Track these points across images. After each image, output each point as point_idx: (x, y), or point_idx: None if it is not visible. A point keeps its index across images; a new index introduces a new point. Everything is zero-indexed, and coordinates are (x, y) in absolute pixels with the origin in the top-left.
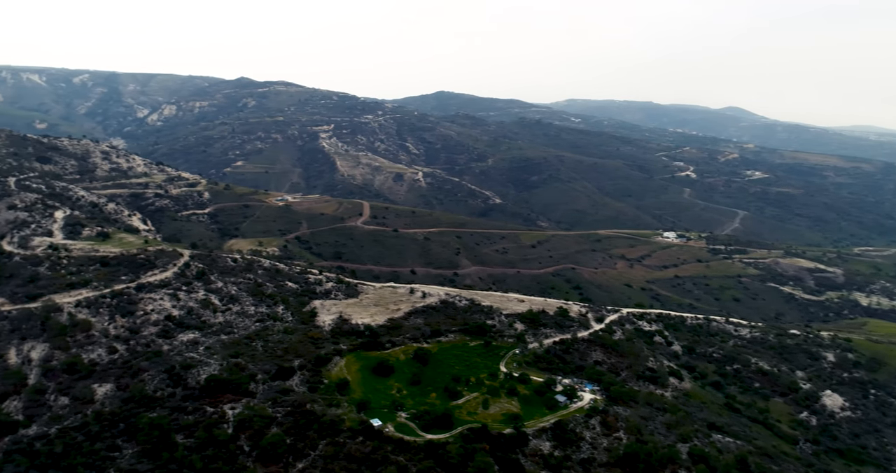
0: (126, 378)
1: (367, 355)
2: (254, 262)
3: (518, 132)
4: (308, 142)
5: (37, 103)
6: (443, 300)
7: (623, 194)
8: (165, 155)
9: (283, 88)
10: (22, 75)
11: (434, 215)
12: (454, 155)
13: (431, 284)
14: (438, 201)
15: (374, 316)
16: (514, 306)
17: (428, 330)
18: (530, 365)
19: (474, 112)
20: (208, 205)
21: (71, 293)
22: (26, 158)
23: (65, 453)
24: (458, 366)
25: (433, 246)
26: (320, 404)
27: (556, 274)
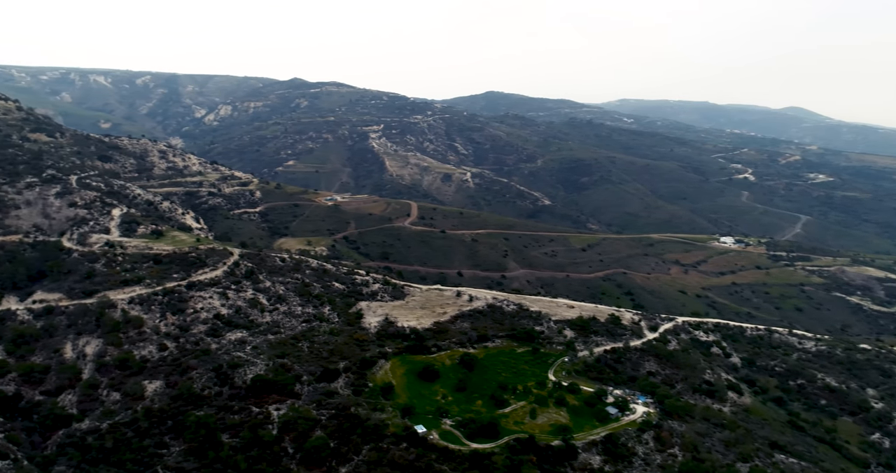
0: (175, 375)
1: (413, 359)
2: (301, 262)
3: (568, 132)
4: (358, 141)
5: (102, 104)
6: (490, 304)
7: (677, 197)
8: (221, 154)
9: (334, 89)
10: (89, 77)
11: (482, 216)
12: (503, 155)
13: (478, 287)
14: (486, 202)
15: (421, 319)
16: (563, 312)
17: (474, 334)
18: (580, 374)
19: (524, 112)
20: (259, 203)
21: (125, 290)
22: (88, 157)
23: (115, 448)
24: (505, 373)
25: (481, 247)
26: (364, 408)
27: (607, 279)
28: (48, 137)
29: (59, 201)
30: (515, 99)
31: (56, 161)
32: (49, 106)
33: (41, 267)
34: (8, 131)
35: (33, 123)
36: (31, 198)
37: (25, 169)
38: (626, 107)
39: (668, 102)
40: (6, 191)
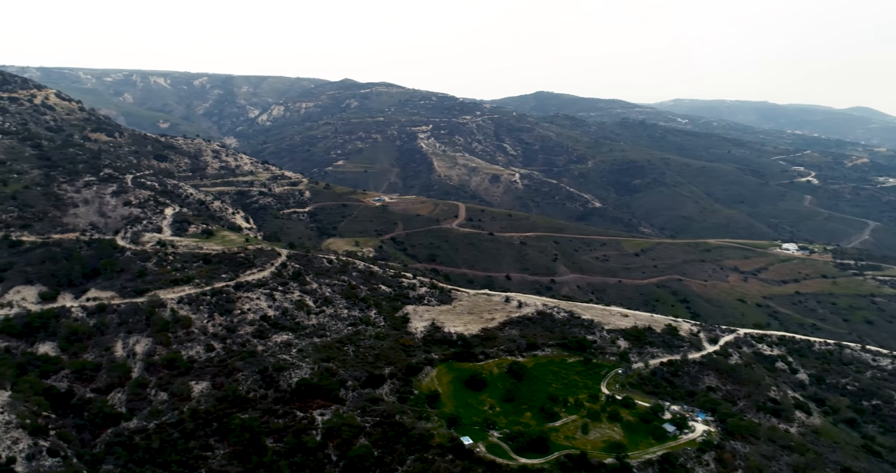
0: (221, 377)
1: (460, 366)
2: (348, 264)
3: (620, 133)
4: (406, 142)
5: (161, 104)
6: (540, 311)
7: (734, 200)
8: (273, 153)
9: (384, 89)
10: (150, 78)
11: (531, 219)
12: (552, 156)
13: (526, 291)
14: (535, 203)
15: (468, 324)
16: (616, 321)
17: (524, 342)
18: (634, 387)
19: (574, 112)
20: (308, 203)
21: (174, 289)
22: (145, 156)
23: (161, 449)
24: (556, 384)
25: (530, 251)
26: (410, 416)
27: (661, 286)
28: (108, 137)
29: (115, 200)
30: (566, 99)
31: (113, 160)
32: (112, 106)
33: (96, 265)
34: (70, 131)
35: (94, 123)
36: (89, 197)
37: (84, 168)
38: (681, 107)
39: (725, 102)
40: (65, 190)
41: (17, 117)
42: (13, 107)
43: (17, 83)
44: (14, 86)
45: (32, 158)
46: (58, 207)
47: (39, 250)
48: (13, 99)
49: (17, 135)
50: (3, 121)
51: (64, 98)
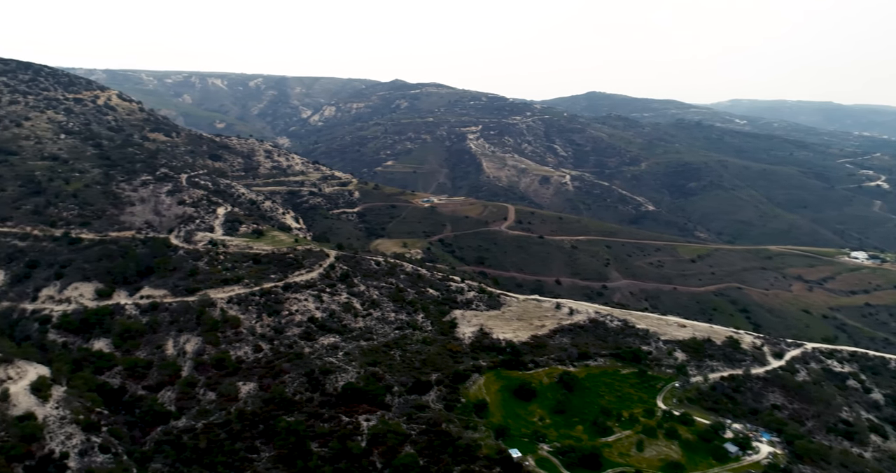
0: (268, 378)
1: (508, 375)
2: (396, 266)
3: (675, 134)
4: (456, 142)
5: (218, 105)
6: (592, 318)
7: (797, 205)
8: (324, 153)
9: (434, 90)
10: (207, 80)
11: (582, 222)
12: (604, 158)
13: (577, 296)
14: (586, 206)
15: (517, 331)
16: (673, 331)
17: (575, 351)
18: (693, 402)
19: (627, 113)
20: (357, 204)
21: (224, 289)
22: (200, 156)
23: (208, 449)
24: (609, 397)
25: (580, 255)
26: (456, 425)
27: (719, 294)
28: (165, 137)
29: (170, 199)
30: (618, 99)
31: (169, 160)
32: (172, 107)
33: (149, 263)
34: (130, 131)
35: (153, 123)
36: (145, 196)
37: (142, 167)
38: (739, 107)
39: (786, 102)
40: (123, 189)
41: (80, 117)
42: (77, 107)
43: (82, 84)
44: (79, 88)
45: (93, 157)
46: (115, 206)
47: (97, 247)
48: (78, 100)
49: (79, 135)
50: (68, 122)
51: (125, 99)
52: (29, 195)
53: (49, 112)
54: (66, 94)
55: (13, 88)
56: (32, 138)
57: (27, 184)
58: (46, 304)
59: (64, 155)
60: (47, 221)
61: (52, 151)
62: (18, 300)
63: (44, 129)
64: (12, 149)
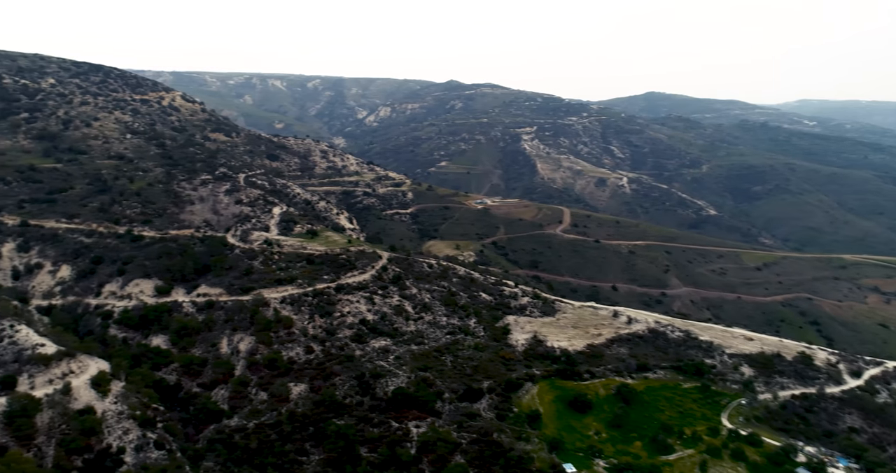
0: (319, 380)
1: (563, 385)
2: (448, 269)
3: (739, 136)
4: (510, 143)
5: (277, 105)
6: (652, 328)
7: (871, 211)
8: (378, 154)
9: (488, 90)
10: (268, 81)
11: (640, 226)
12: (663, 160)
13: (634, 304)
14: (643, 209)
15: (572, 339)
16: (739, 344)
17: (633, 363)
18: (761, 421)
19: (688, 114)
20: (411, 205)
21: (278, 289)
22: (258, 155)
23: (258, 449)
24: (669, 412)
25: (638, 260)
26: (508, 436)
27: (787, 305)
28: (225, 137)
29: (228, 198)
30: (678, 99)
31: (228, 159)
32: (233, 108)
33: (207, 262)
34: (193, 131)
35: (214, 124)
36: (204, 195)
37: (202, 167)
38: (807, 108)
39: (859, 103)
40: (183, 188)
41: (146, 118)
42: (143, 108)
43: (149, 86)
44: (145, 89)
45: (156, 157)
46: (176, 204)
47: (157, 245)
48: (144, 101)
49: (144, 135)
50: (134, 122)
51: (188, 100)
52: (96, 193)
53: (117, 112)
54: (134, 95)
55: (85, 90)
56: (100, 138)
57: (94, 183)
58: (109, 300)
59: (129, 154)
60: (112, 219)
61: (118, 151)
62: (83, 295)
63: (111, 129)
64: (82, 148)
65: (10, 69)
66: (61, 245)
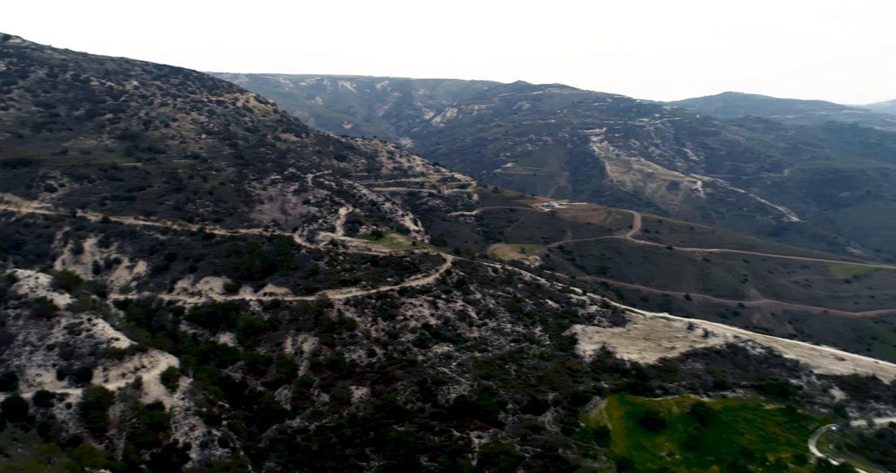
0: (380, 384)
1: (633, 400)
2: (514, 274)
3: (824, 138)
4: (578, 145)
5: (347, 106)
6: (730, 343)
7: None
8: (444, 154)
9: (556, 91)
10: (338, 83)
11: (716, 233)
12: (741, 163)
13: (709, 314)
14: (719, 215)
15: (643, 352)
16: (829, 364)
17: (710, 379)
18: (854, 450)
19: (768, 115)
20: (476, 207)
21: (342, 290)
22: (326, 156)
23: (319, 452)
24: (750, 435)
25: (714, 269)
26: (574, 452)
27: (881, 321)
28: (295, 137)
29: (296, 198)
30: (757, 100)
31: (297, 159)
32: (305, 108)
33: (274, 261)
34: (264, 131)
35: (285, 124)
36: (273, 194)
37: (272, 166)
38: None
39: None
40: (254, 187)
41: (221, 118)
42: (219, 109)
43: (224, 87)
44: (221, 91)
45: (229, 157)
46: (246, 203)
47: (227, 243)
48: (219, 102)
49: (218, 135)
50: (209, 122)
51: (261, 101)
52: (171, 191)
53: (193, 113)
54: (210, 97)
55: (165, 91)
56: (178, 138)
57: (170, 181)
58: (180, 296)
59: (204, 154)
60: (185, 217)
61: (193, 150)
62: (157, 290)
63: (188, 130)
64: (160, 147)
65: (98, 72)
66: (138, 241)
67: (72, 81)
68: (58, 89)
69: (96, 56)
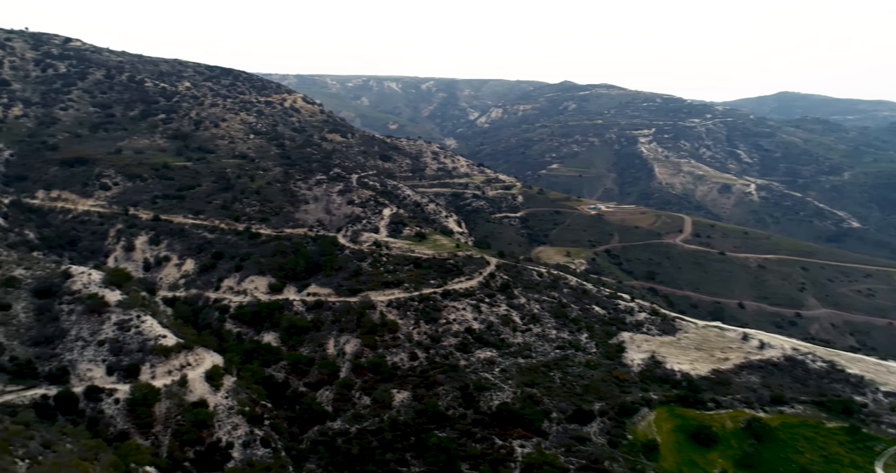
0: (422, 388)
1: (684, 413)
2: (559, 279)
3: (888, 140)
4: (625, 146)
5: (392, 107)
6: (788, 356)
7: None
8: (488, 155)
9: (604, 91)
10: (384, 83)
11: (772, 239)
12: (797, 166)
13: (763, 324)
14: (774, 220)
15: (695, 362)
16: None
17: (766, 394)
18: None
19: (826, 115)
20: (520, 208)
21: (385, 292)
22: (371, 156)
23: (360, 456)
24: (810, 455)
25: (769, 276)
26: (621, 465)
27: None
28: (341, 137)
29: (340, 198)
30: (815, 100)
31: (342, 160)
32: (351, 109)
33: (317, 261)
34: (311, 131)
35: (331, 125)
36: (318, 194)
37: (317, 166)
38: None
39: None
40: (299, 187)
41: (269, 119)
42: (267, 109)
43: (273, 88)
44: (269, 91)
45: (276, 157)
46: (291, 203)
47: (273, 243)
48: (268, 102)
49: (266, 135)
50: (257, 122)
51: (308, 101)
52: (219, 191)
53: (242, 114)
54: (259, 97)
55: (216, 92)
56: (227, 138)
57: (219, 181)
58: (226, 294)
59: (251, 154)
60: (233, 216)
61: (241, 150)
62: (204, 288)
63: (237, 130)
64: (209, 147)
65: (153, 73)
66: (187, 239)
67: (127, 82)
68: (114, 90)
69: (151, 58)
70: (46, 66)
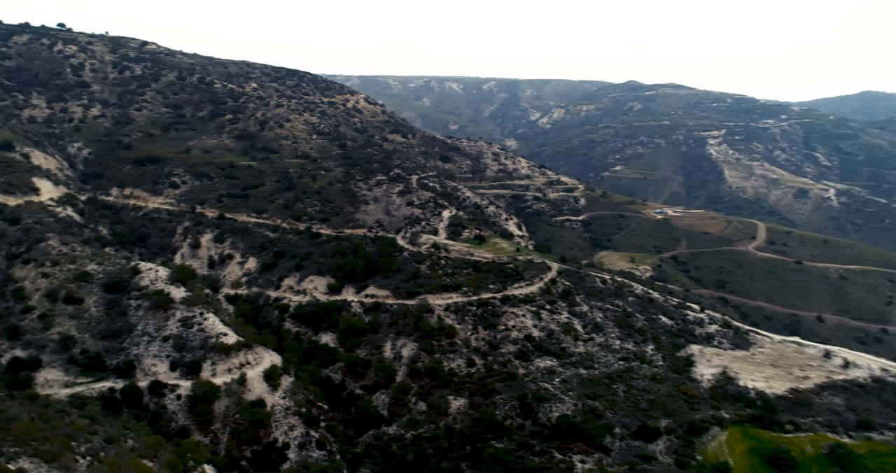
0: (479, 396)
1: (759, 435)
2: (624, 286)
3: None
4: (693, 148)
5: (453, 107)
6: (877, 377)
7: None
8: (549, 156)
9: (671, 91)
10: (445, 84)
11: (855, 247)
12: (882, 170)
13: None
14: (855, 227)
15: (771, 380)
16: None
17: (852, 418)
18: None
19: None
20: (583, 211)
21: (443, 295)
22: (432, 157)
23: (414, 463)
24: None
25: (852, 288)
26: None
27: None
28: (402, 138)
29: (400, 199)
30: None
31: (403, 160)
32: (412, 109)
33: (376, 262)
34: (373, 132)
35: (392, 125)
36: (378, 195)
37: (378, 167)
38: None
39: None
40: (360, 187)
41: (332, 119)
42: (330, 110)
43: (336, 89)
44: (332, 92)
45: (338, 157)
46: (352, 204)
47: (332, 243)
48: (331, 103)
49: (328, 136)
50: (320, 123)
51: (370, 102)
52: (282, 190)
53: (306, 114)
54: (322, 98)
55: (281, 93)
56: (290, 138)
57: (282, 180)
58: (286, 294)
59: (314, 154)
60: (294, 215)
61: (304, 150)
62: (265, 287)
63: (300, 130)
64: (274, 147)
65: (222, 75)
66: (250, 238)
67: (198, 84)
68: (185, 91)
69: (221, 60)
70: (123, 69)
